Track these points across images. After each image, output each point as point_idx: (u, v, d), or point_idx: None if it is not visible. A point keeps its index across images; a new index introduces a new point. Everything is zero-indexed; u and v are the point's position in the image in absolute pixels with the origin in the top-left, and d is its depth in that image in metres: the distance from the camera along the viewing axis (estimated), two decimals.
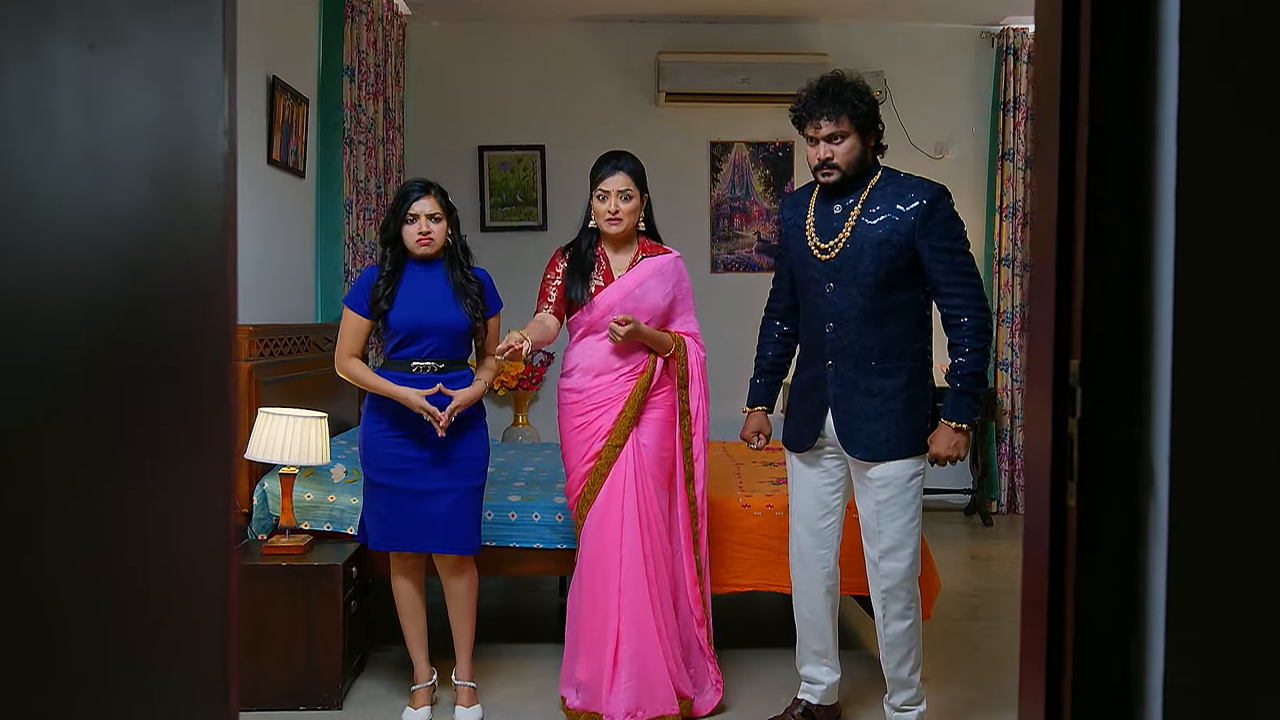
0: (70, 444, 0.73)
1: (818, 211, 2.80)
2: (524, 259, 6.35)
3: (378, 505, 3.04)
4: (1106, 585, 0.92)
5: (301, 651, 3.12)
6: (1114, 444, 0.92)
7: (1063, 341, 0.94)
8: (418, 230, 2.98)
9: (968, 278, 2.67)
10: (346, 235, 4.83)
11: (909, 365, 2.71)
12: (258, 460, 3.25)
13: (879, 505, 2.72)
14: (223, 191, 0.94)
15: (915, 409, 2.71)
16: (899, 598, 2.75)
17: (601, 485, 3.00)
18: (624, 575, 2.94)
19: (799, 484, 2.90)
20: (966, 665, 3.55)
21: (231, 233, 0.98)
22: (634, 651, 2.91)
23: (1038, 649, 0.97)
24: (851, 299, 2.70)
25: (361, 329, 3.03)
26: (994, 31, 6.20)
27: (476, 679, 3.24)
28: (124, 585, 0.83)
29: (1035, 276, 1.00)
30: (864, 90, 2.71)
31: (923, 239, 2.65)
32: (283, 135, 4.24)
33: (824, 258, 2.74)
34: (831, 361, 2.74)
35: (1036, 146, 1.02)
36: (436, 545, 3.02)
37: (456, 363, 3.06)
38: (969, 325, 2.64)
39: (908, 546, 2.73)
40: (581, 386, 3.04)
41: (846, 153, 2.70)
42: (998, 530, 5.82)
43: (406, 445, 3.00)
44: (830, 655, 2.94)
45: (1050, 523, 0.95)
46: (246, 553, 3.27)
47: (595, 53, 6.19)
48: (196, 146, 0.89)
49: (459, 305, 3.01)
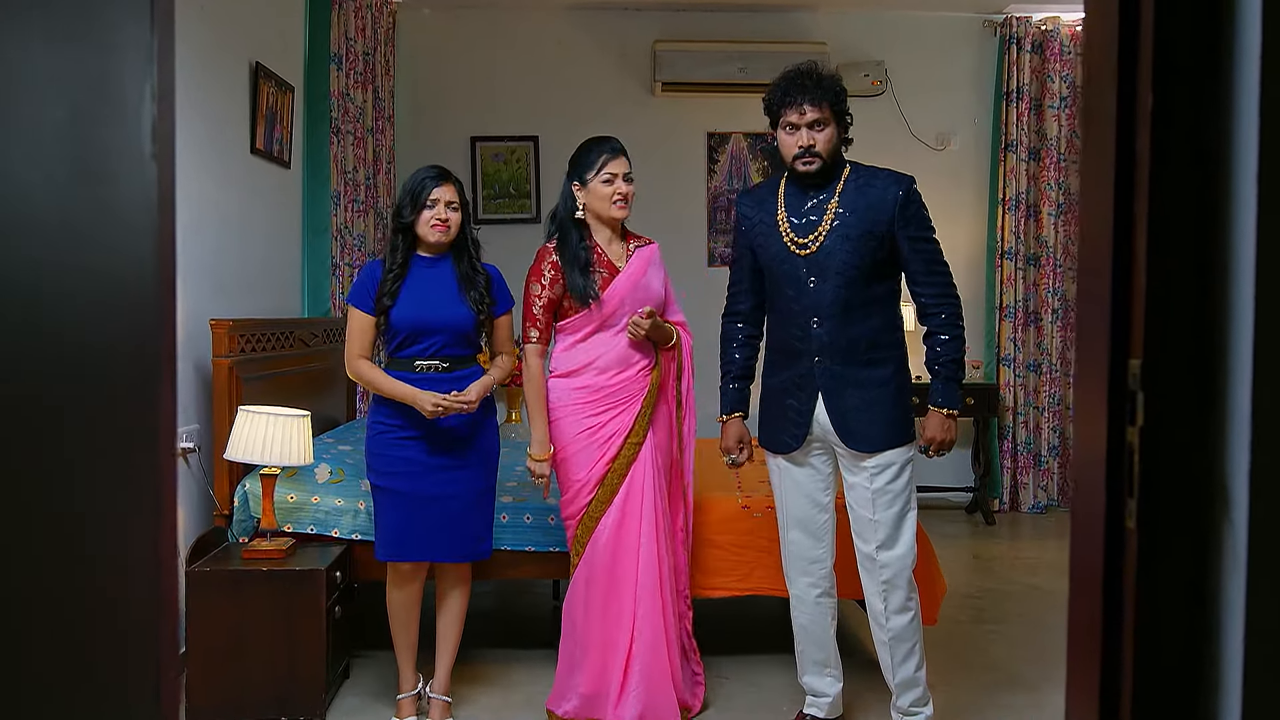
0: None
1: (789, 206, 2.72)
2: (517, 252, 6.23)
3: (383, 513, 2.90)
4: (1173, 621, 0.80)
5: (283, 660, 2.99)
6: (1181, 456, 0.80)
7: (1120, 338, 0.82)
8: (435, 216, 2.84)
9: (942, 267, 2.70)
10: (334, 228, 4.70)
11: (894, 355, 2.72)
12: (237, 460, 3.12)
13: (874, 494, 2.66)
14: (151, 165, 0.81)
15: (902, 397, 2.71)
16: (899, 588, 2.68)
17: (620, 486, 2.85)
18: (641, 582, 2.82)
19: (789, 487, 2.80)
20: (973, 671, 3.43)
21: (165, 213, 0.85)
22: (646, 661, 2.80)
23: (1089, 686, 0.85)
24: (836, 292, 2.64)
25: (368, 327, 2.89)
26: (996, 20, 6.08)
27: (462, 686, 3.12)
28: (32, 585, 0.72)
29: (1085, 261, 0.87)
30: (839, 80, 2.72)
31: (901, 229, 2.64)
32: (266, 124, 4.10)
33: (803, 253, 2.67)
34: (819, 357, 2.67)
35: (1087, 116, 0.89)
36: (447, 554, 2.90)
37: (463, 360, 2.92)
38: (948, 314, 2.68)
39: (904, 535, 2.68)
40: (599, 384, 2.88)
41: (827, 141, 2.65)
42: (1000, 529, 5.71)
43: (412, 447, 2.87)
44: (832, 663, 2.85)
45: (1105, 546, 0.82)
46: (226, 557, 3.15)
47: (590, 41, 6.06)
48: (114, 112, 0.77)
49: (463, 301, 2.87)
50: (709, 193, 6.14)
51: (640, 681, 2.80)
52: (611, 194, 2.88)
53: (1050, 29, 6.05)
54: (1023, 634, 3.85)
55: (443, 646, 3.00)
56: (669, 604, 2.87)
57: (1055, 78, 6.04)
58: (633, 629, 2.81)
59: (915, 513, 2.71)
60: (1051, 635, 3.82)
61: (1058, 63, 6.04)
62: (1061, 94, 6.06)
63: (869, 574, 2.71)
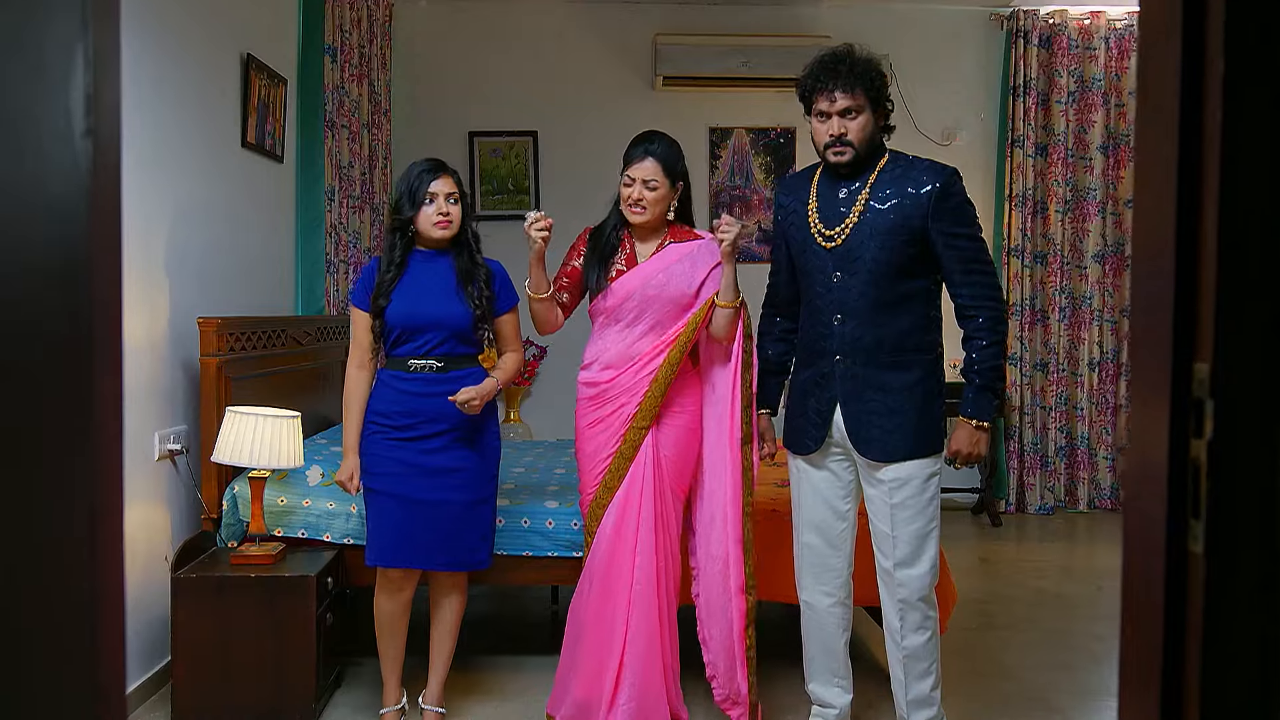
0: None
1: (821, 196, 2.59)
2: (515, 250, 6.13)
3: (376, 516, 2.80)
4: (1244, 659, 0.70)
5: (272, 669, 2.90)
6: (1254, 471, 0.70)
7: (1184, 339, 0.72)
8: (436, 211, 2.75)
9: (982, 266, 2.51)
10: (329, 223, 4.60)
11: (922, 359, 2.53)
12: (224, 463, 3.03)
13: (893, 509, 2.51)
14: (84, 144, 0.71)
15: (930, 405, 2.53)
16: (917, 608, 2.54)
17: (618, 486, 2.75)
18: (635, 588, 2.71)
19: (806, 490, 2.67)
20: (986, 681, 3.34)
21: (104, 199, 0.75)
22: (638, 671, 2.69)
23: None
24: (861, 289, 2.50)
25: (367, 327, 2.80)
26: (1003, 14, 5.98)
27: (457, 696, 3.02)
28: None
29: (1142, 250, 0.78)
30: (877, 65, 2.54)
31: (935, 225, 2.47)
32: (258, 117, 4.01)
33: (829, 245, 2.53)
34: (840, 356, 2.53)
35: (1144, 86, 0.80)
36: (441, 562, 2.80)
37: (460, 360, 2.81)
38: (986, 317, 2.48)
39: (925, 553, 2.52)
40: (598, 380, 2.80)
41: (860, 129, 2.50)
42: (1006, 530, 5.62)
43: (407, 449, 2.76)
44: (842, 673, 2.72)
45: (1165, 574, 0.73)
46: (214, 562, 3.05)
47: (590, 35, 5.96)
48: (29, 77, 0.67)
49: (461, 297, 2.78)
50: (711, 189, 6.04)
51: (630, 696, 2.69)
52: (626, 197, 2.78)
53: (1058, 23, 5.95)
54: (1035, 641, 3.75)
55: (436, 657, 2.91)
56: (667, 616, 2.76)
57: (1063, 72, 5.94)
58: (625, 637, 2.70)
59: (938, 530, 2.56)
60: (1064, 642, 3.72)
61: (1065, 57, 5.94)
62: (1069, 89, 5.96)
63: (886, 589, 2.58)
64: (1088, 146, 5.98)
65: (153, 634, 3.11)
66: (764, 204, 6.06)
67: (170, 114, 3.29)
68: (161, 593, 3.07)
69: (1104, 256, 6.03)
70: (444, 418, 2.75)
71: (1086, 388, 6.03)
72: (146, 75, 3.13)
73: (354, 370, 2.82)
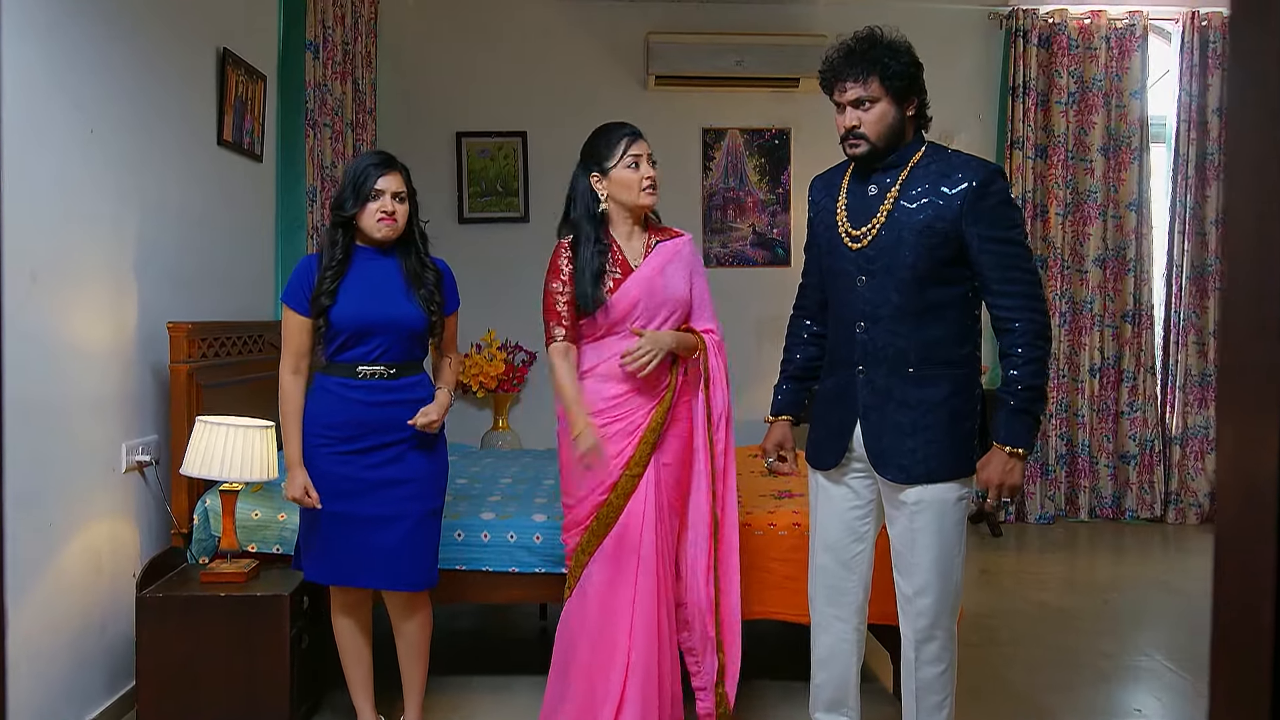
0: None
1: (850, 193, 2.39)
2: (504, 253, 6.00)
3: (317, 531, 2.64)
4: None
5: (242, 693, 2.75)
6: None
7: None
8: (380, 209, 2.59)
9: (1023, 273, 2.25)
10: (310, 225, 4.45)
11: (953, 373, 2.30)
12: (193, 476, 2.87)
13: (914, 533, 2.31)
14: None
15: (959, 424, 2.30)
16: (935, 638, 2.35)
17: (616, 520, 2.56)
18: (636, 621, 2.53)
19: (823, 506, 2.48)
20: (992, 701, 3.20)
21: None
22: (639, 709, 2.51)
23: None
24: (886, 295, 2.29)
25: (304, 330, 2.62)
26: (1002, 13, 5.87)
27: (440, 717, 2.87)
28: None
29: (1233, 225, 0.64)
30: (901, 49, 2.30)
31: (971, 227, 2.23)
32: (235, 114, 3.86)
33: (855, 246, 2.33)
34: (862, 367, 2.34)
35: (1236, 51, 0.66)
36: (386, 581, 2.64)
37: (409, 366, 2.67)
38: (1024, 330, 2.22)
39: (947, 582, 2.33)
40: (599, 394, 2.58)
41: (875, 121, 2.29)
42: (1007, 540, 5.49)
43: (353, 463, 2.61)
44: (850, 703, 2.53)
45: (1276, 605, 0.59)
46: (183, 580, 2.90)
47: (580, 33, 5.83)
48: None
49: (412, 299, 2.63)
50: (704, 191, 5.91)
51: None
52: (640, 179, 2.60)
53: (1058, 22, 5.84)
54: (1040, 658, 3.62)
55: (409, 682, 2.75)
56: (668, 647, 2.60)
57: (1063, 73, 5.83)
58: (625, 676, 2.53)
59: (962, 558, 2.37)
60: (1070, 659, 3.59)
61: (1065, 57, 5.83)
62: (1069, 90, 5.85)
63: (905, 616, 2.40)
64: (1088, 148, 5.87)
65: (117, 656, 2.96)
66: (758, 206, 5.93)
67: (138, 109, 3.14)
68: (127, 612, 2.92)
69: (1105, 260, 5.92)
70: (394, 428, 2.60)
71: (1087, 394, 5.91)
72: (112, 68, 2.98)
73: (289, 377, 2.64)
